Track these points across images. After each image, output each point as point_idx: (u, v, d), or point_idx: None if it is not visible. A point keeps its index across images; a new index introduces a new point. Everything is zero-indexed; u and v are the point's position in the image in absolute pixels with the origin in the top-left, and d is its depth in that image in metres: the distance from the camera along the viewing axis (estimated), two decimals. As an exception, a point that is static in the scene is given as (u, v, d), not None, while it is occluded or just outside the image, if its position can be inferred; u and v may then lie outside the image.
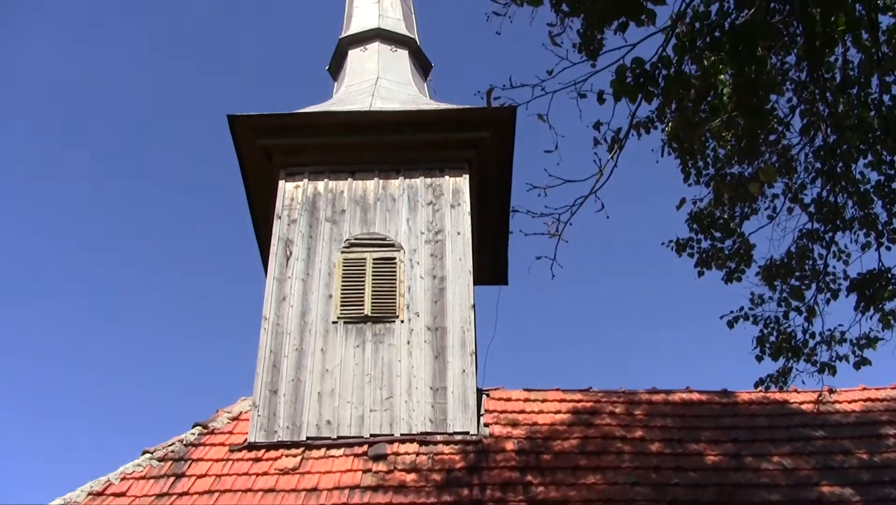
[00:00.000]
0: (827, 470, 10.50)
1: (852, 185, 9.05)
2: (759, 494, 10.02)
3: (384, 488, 10.10)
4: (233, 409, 11.94)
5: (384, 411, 11.26)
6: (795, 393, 12.21)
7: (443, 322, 11.90)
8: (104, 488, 10.33)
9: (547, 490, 10.00)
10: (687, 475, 10.33)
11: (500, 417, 11.52)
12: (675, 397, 12.25)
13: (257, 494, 10.15)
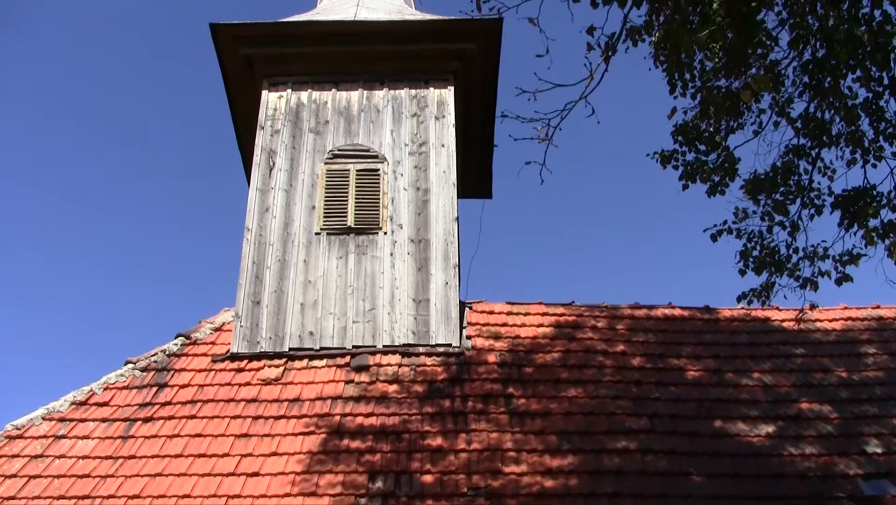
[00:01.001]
0: (806, 387, 10.53)
1: (840, 101, 8.86)
2: (738, 409, 10.05)
3: (366, 399, 10.08)
4: (215, 319, 11.85)
5: (367, 323, 11.19)
6: (777, 311, 12.18)
7: (426, 234, 11.78)
8: (87, 398, 10.30)
9: (528, 402, 10.00)
10: (668, 390, 10.34)
11: (483, 330, 11.46)
12: (658, 312, 12.20)
13: (240, 404, 10.11)
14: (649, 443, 9.38)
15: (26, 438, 9.70)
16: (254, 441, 9.47)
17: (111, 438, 9.66)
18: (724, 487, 8.80)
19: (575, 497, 8.61)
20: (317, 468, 8.98)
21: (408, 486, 8.75)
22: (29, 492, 8.90)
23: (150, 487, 8.89)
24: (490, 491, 8.66)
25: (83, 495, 8.82)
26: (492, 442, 9.34)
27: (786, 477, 8.96)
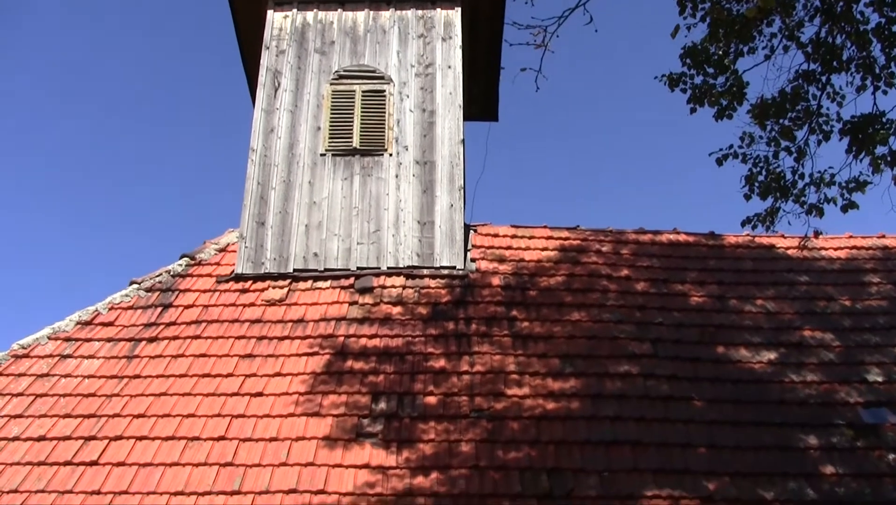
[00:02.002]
0: (809, 315, 10.46)
1: (851, 26, 8.65)
2: (741, 335, 10.00)
3: (370, 321, 10.05)
4: (220, 240, 11.76)
5: (371, 245, 11.11)
6: (782, 238, 12.07)
7: (431, 156, 11.62)
8: (92, 318, 10.26)
9: (532, 325, 9.97)
10: (671, 315, 10.28)
11: (487, 253, 11.37)
12: (663, 238, 12.09)
13: (244, 324, 10.08)
14: (651, 367, 9.35)
15: (32, 357, 9.70)
16: (258, 361, 9.46)
17: (116, 358, 9.66)
18: (725, 413, 8.79)
19: (577, 420, 8.61)
20: (320, 389, 8.99)
21: (411, 407, 8.76)
22: (35, 410, 8.92)
23: (155, 406, 8.90)
24: (493, 413, 8.66)
25: (89, 414, 8.85)
26: (495, 364, 9.32)
27: (786, 404, 8.94)
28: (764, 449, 8.37)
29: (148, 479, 8.02)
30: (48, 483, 8.02)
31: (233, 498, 7.76)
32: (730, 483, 7.94)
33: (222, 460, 8.16)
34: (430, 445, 8.27)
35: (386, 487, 7.82)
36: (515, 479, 7.91)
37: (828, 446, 8.41)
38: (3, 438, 8.57)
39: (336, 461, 8.10)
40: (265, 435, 8.43)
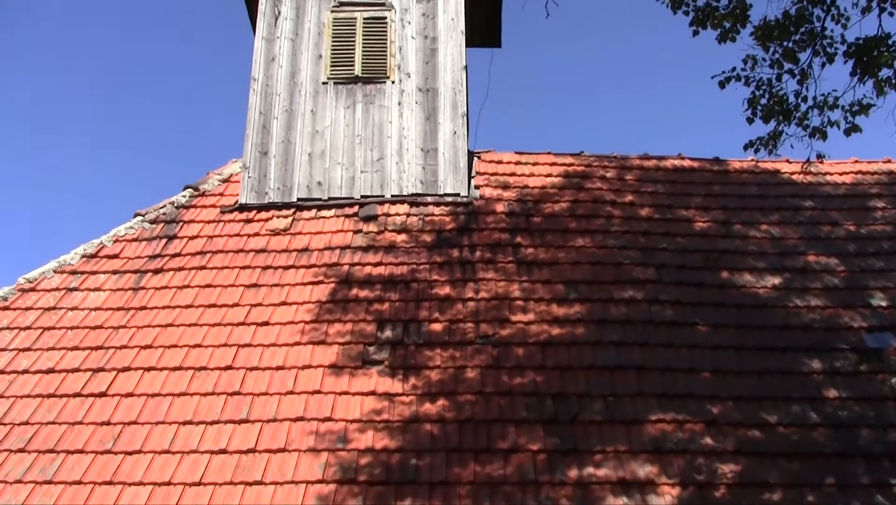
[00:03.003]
0: (814, 240, 10.38)
1: (856, -57, 8.43)
2: (745, 260, 9.94)
3: (374, 249, 9.99)
4: (223, 171, 11.65)
5: (375, 173, 10.99)
6: (787, 163, 11.89)
7: (434, 83, 11.43)
8: (97, 251, 10.22)
9: (536, 252, 9.90)
10: (675, 240, 10.20)
11: (491, 180, 11.25)
12: (667, 164, 11.95)
13: (248, 254, 10.03)
14: (656, 293, 9.31)
15: (38, 290, 9.68)
16: (263, 291, 9.42)
17: (122, 290, 9.64)
18: (729, 338, 8.78)
19: (581, 345, 8.61)
20: (326, 317, 8.96)
21: (416, 334, 8.74)
22: (43, 343, 8.93)
23: (162, 337, 8.90)
24: (498, 339, 8.65)
25: (96, 346, 8.85)
26: (499, 291, 9.28)
27: (790, 328, 8.92)
28: (768, 373, 8.37)
29: (156, 409, 8.05)
30: (58, 415, 8.06)
31: (240, 427, 7.79)
32: (733, 407, 7.95)
33: (229, 390, 8.18)
34: (436, 372, 8.28)
35: (392, 414, 7.84)
36: (521, 404, 7.92)
37: (831, 371, 8.40)
38: (12, 371, 8.60)
39: (342, 389, 8.11)
40: (272, 364, 8.44)
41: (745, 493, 7.14)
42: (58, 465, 7.54)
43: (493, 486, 7.13)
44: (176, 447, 7.64)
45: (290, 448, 7.52)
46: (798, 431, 7.73)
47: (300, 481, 7.20)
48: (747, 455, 7.48)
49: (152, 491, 7.23)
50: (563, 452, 7.45)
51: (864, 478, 7.30)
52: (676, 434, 7.66)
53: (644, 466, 7.35)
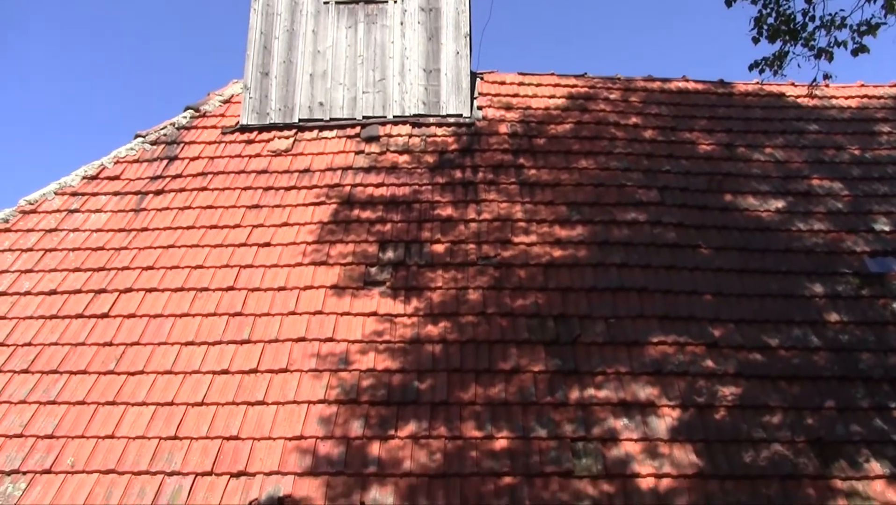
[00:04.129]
0: (818, 163, 10.20)
1: None
2: (749, 183, 9.78)
3: (377, 169, 9.83)
4: (224, 92, 11.43)
5: (377, 93, 10.76)
6: (792, 87, 11.70)
7: (437, 3, 11.11)
8: (98, 172, 10.08)
9: (539, 173, 9.74)
10: (679, 163, 10.03)
11: (494, 101, 11.02)
12: (672, 86, 11.70)
13: (250, 175, 9.88)
14: (658, 215, 9.18)
15: (40, 212, 9.56)
16: (265, 212, 9.29)
17: (123, 212, 9.51)
18: (732, 260, 8.67)
19: (584, 267, 8.50)
20: (328, 238, 8.85)
21: (418, 255, 8.63)
22: (45, 265, 8.84)
23: (164, 258, 8.80)
24: (500, 260, 8.54)
25: (98, 267, 8.76)
26: (502, 212, 9.15)
27: (792, 252, 8.81)
28: (769, 297, 8.28)
29: (158, 330, 7.98)
30: (60, 336, 8.00)
31: (242, 347, 7.72)
32: (735, 330, 7.88)
33: (231, 310, 8.10)
34: (438, 293, 8.19)
35: (394, 335, 7.77)
36: (523, 325, 7.84)
37: (833, 294, 8.31)
38: (14, 292, 8.52)
39: (344, 309, 8.03)
40: (273, 285, 8.35)
41: (745, 415, 7.09)
42: (61, 385, 7.50)
43: (495, 406, 7.09)
44: (178, 368, 7.59)
45: (291, 368, 7.47)
46: (799, 355, 7.67)
47: (302, 402, 7.16)
48: (748, 378, 7.43)
49: (155, 411, 7.20)
50: (564, 374, 7.39)
51: (863, 401, 7.24)
52: (677, 356, 7.59)
53: (645, 387, 7.30)
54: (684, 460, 6.68)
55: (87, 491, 6.55)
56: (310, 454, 6.69)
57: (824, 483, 6.55)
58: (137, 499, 6.48)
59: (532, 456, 6.68)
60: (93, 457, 6.82)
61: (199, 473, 6.64)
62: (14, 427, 7.09)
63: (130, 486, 6.58)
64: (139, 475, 6.66)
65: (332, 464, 6.61)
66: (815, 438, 6.88)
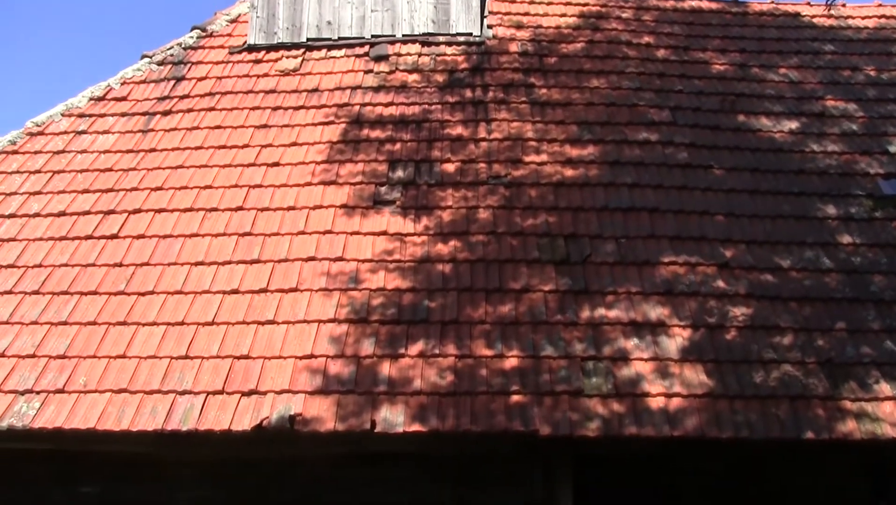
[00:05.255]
0: (833, 84, 9.95)
1: None
2: (762, 104, 9.56)
3: (386, 89, 9.62)
4: (231, 11, 11.17)
5: (386, 11, 10.47)
6: (808, 6, 11.44)
7: (448, -82, 10.77)
8: (105, 93, 9.89)
9: (550, 92, 9.52)
10: (691, 83, 9.80)
11: (504, 19, 10.72)
12: (685, 4, 11.39)
13: (258, 95, 9.69)
14: (670, 135, 8.98)
15: (47, 134, 9.40)
16: (273, 132, 9.12)
17: (131, 133, 9.34)
18: (744, 181, 8.50)
19: (595, 187, 8.34)
20: (337, 158, 8.69)
21: (428, 174, 8.48)
22: (53, 187, 8.72)
23: (172, 179, 8.66)
24: (511, 180, 8.39)
25: (106, 189, 8.63)
26: (512, 131, 8.96)
27: (805, 173, 8.63)
28: (781, 218, 8.14)
29: (168, 250, 7.88)
30: (70, 257, 7.91)
31: (252, 267, 7.62)
32: (746, 251, 7.75)
33: (240, 230, 7.99)
34: (448, 212, 8.06)
35: (404, 254, 7.65)
36: (533, 245, 7.72)
37: (846, 216, 8.16)
38: (23, 214, 8.42)
39: (354, 229, 7.91)
40: (283, 204, 8.22)
41: (755, 336, 6.99)
42: (72, 306, 7.42)
43: (505, 325, 6.99)
44: (188, 288, 7.49)
45: (301, 288, 7.36)
46: (810, 276, 7.54)
47: (312, 321, 7.07)
48: (759, 299, 7.31)
49: (166, 331, 7.12)
50: (574, 293, 7.28)
51: (874, 324, 7.13)
52: (689, 277, 7.46)
53: (656, 307, 7.19)
54: (694, 380, 6.60)
55: (99, 410, 6.50)
56: (320, 373, 6.63)
57: (834, 404, 6.47)
58: (150, 417, 6.43)
59: (542, 375, 6.60)
60: (105, 376, 6.76)
61: (210, 391, 6.58)
62: (27, 347, 7.04)
63: (142, 404, 6.53)
64: (151, 394, 6.61)
65: (343, 383, 6.55)
66: (825, 360, 6.79)
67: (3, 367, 6.87)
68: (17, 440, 6.57)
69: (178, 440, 6.48)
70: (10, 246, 8.09)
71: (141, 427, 6.38)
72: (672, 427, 6.28)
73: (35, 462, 6.83)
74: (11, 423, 6.42)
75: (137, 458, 6.76)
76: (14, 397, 6.63)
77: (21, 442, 6.60)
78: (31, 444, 6.64)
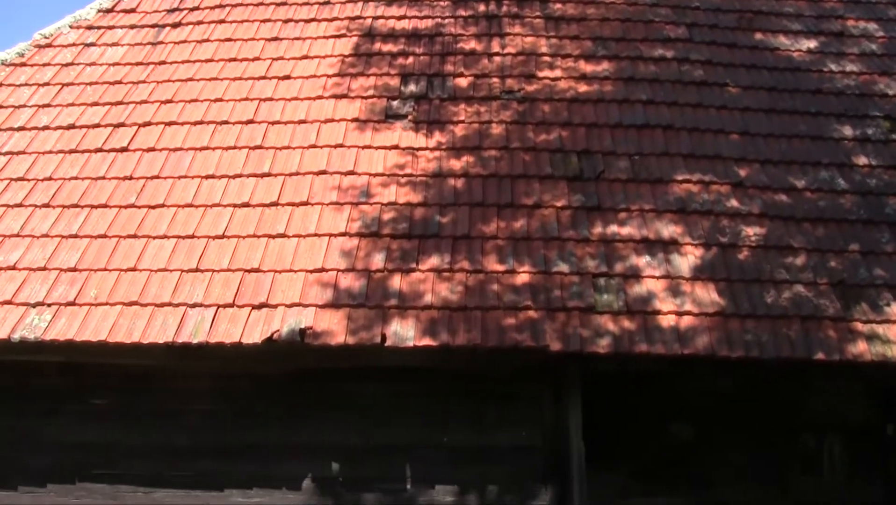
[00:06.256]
0: (853, 3, 9.68)
1: None
2: (780, 22, 9.31)
3: (398, 2, 9.45)
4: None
5: (400, -79, 10.11)
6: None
7: None
8: (113, 5, 9.68)
9: (564, 7, 9.29)
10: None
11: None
12: (704, -81, 11.00)
13: (269, 7, 9.52)
14: (686, 52, 8.76)
15: (55, 46, 9.18)
16: (284, 45, 8.90)
17: (140, 45, 9.12)
18: (760, 100, 8.29)
19: (609, 103, 8.15)
20: (349, 71, 8.49)
21: (441, 89, 8.28)
22: (62, 100, 8.53)
23: (182, 91, 8.46)
24: (524, 95, 8.18)
25: (116, 101, 8.44)
26: (526, 46, 8.73)
27: (822, 93, 8.41)
28: (797, 138, 7.94)
29: (178, 163, 7.72)
30: (80, 170, 7.76)
31: (263, 180, 7.47)
32: (761, 170, 7.58)
33: (251, 144, 7.81)
34: (461, 127, 7.87)
35: (416, 168, 7.49)
36: (546, 160, 7.55)
37: (862, 137, 7.95)
38: (33, 127, 8.24)
39: (366, 143, 7.73)
40: (294, 118, 8.03)
41: (768, 255, 6.85)
42: (82, 219, 7.28)
43: (517, 241, 6.86)
44: (199, 201, 7.35)
45: (312, 202, 7.21)
46: (825, 197, 7.38)
47: (323, 234, 6.93)
48: (772, 218, 7.16)
49: (176, 244, 6.99)
50: (587, 210, 7.12)
51: (888, 246, 6.98)
52: (702, 195, 7.30)
53: (668, 225, 7.04)
54: (706, 299, 6.47)
55: (110, 322, 6.40)
56: (331, 287, 6.51)
57: (845, 325, 6.36)
58: (160, 330, 6.34)
59: (553, 291, 6.48)
60: (115, 289, 6.65)
61: (220, 304, 6.47)
62: (38, 260, 6.92)
63: (153, 317, 6.43)
64: (162, 307, 6.51)
65: (354, 297, 6.43)
66: (837, 281, 6.66)
67: (15, 279, 6.77)
68: (30, 352, 6.49)
69: (188, 353, 6.39)
70: (20, 159, 7.92)
71: (152, 340, 6.29)
72: (682, 345, 6.18)
73: (47, 375, 6.78)
74: (23, 335, 6.34)
75: (148, 370, 6.70)
76: (26, 310, 6.53)
77: (33, 354, 6.53)
78: (43, 356, 6.57)
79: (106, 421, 6.78)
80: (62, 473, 6.76)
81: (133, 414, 6.79)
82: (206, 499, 6.69)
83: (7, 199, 7.51)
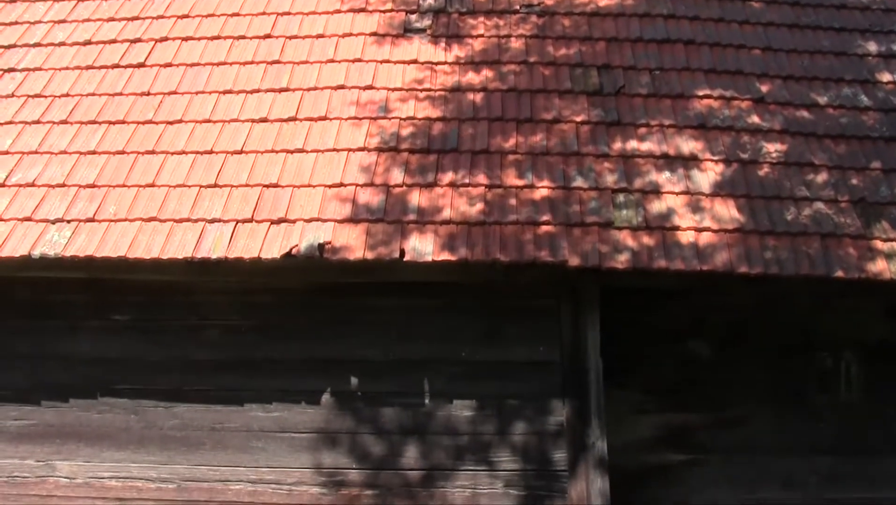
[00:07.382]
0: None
1: None
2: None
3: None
4: None
5: None
6: None
7: None
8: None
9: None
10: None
11: None
12: None
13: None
14: (708, -33, 8.43)
15: None
16: (301, -42, 8.63)
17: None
18: (783, 15, 8.02)
19: (629, 17, 7.88)
20: (367, -16, 8.25)
21: (459, 2, 8.01)
22: (78, 15, 8.28)
23: (199, 6, 8.21)
24: (543, 9, 7.93)
25: (132, 17, 8.19)
26: (546, -35, 8.44)
27: (847, 8, 8.11)
28: (820, 53, 7.69)
29: (196, 78, 7.53)
30: (97, 86, 7.57)
31: (281, 95, 7.28)
32: (783, 86, 7.35)
33: (269, 58, 7.62)
34: (480, 41, 7.64)
35: (434, 83, 7.30)
36: (565, 75, 7.33)
37: (887, 54, 7.68)
38: (49, 43, 8.05)
39: (384, 57, 7.54)
40: (311, 32, 7.82)
41: (789, 172, 6.66)
42: (100, 135, 7.12)
43: (535, 156, 6.68)
44: (217, 116, 7.18)
45: (330, 116, 7.04)
46: (847, 114, 7.15)
47: (342, 149, 6.77)
48: (793, 135, 6.95)
49: (194, 160, 6.85)
50: (606, 125, 6.93)
51: (911, 164, 6.78)
52: (723, 111, 7.09)
53: (688, 141, 6.84)
54: (725, 215, 6.33)
55: (130, 238, 6.30)
56: (349, 202, 6.38)
57: (865, 243, 6.21)
58: (179, 245, 6.23)
59: (572, 205, 6.34)
60: (134, 205, 6.54)
61: (239, 220, 6.36)
62: (56, 177, 6.80)
63: (172, 233, 6.33)
64: (181, 223, 6.40)
65: (372, 212, 6.31)
66: (858, 199, 6.48)
67: (34, 196, 6.66)
68: (50, 269, 6.40)
69: (207, 268, 6.29)
70: (37, 76, 7.75)
71: (171, 255, 6.19)
72: (701, 261, 6.05)
73: (68, 291, 6.70)
74: (44, 251, 6.25)
75: (168, 286, 6.61)
76: (45, 226, 6.44)
77: (53, 271, 6.44)
78: (63, 272, 6.47)
79: (126, 337, 6.72)
80: (84, 388, 6.73)
81: (153, 329, 6.73)
82: (227, 413, 6.66)
83: (25, 115, 7.37)
